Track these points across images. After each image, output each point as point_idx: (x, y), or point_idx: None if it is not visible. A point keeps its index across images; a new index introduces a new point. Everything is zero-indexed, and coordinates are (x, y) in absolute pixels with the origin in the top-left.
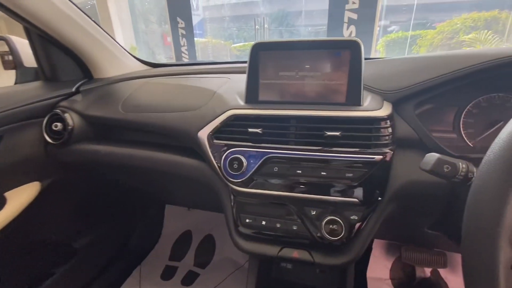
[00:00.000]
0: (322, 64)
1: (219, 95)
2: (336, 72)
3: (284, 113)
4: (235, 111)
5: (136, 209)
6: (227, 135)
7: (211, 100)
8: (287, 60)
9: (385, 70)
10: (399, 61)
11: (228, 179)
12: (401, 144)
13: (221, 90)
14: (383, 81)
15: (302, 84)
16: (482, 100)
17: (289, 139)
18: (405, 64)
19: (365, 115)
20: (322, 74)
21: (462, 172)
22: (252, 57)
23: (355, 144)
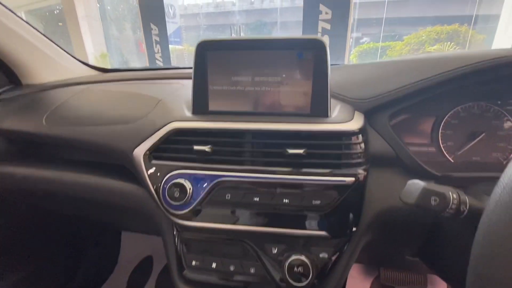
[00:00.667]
0: (281, 68)
1: (163, 104)
2: (299, 77)
3: (238, 126)
4: (178, 124)
5: (86, 236)
6: (168, 154)
7: (153, 110)
8: (240, 62)
9: (356, 76)
10: (371, 66)
11: (168, 210)
12: (375, 162)
13: (167, 98)
14: (353, 88)
15: (259, 92)
16: (461, 110)
17: (245, 158)
18: (377, 70)
19: (333, 128)
20: (282, 79)
21: (453, 205)
22: (198, 58)
23: (323, 163)
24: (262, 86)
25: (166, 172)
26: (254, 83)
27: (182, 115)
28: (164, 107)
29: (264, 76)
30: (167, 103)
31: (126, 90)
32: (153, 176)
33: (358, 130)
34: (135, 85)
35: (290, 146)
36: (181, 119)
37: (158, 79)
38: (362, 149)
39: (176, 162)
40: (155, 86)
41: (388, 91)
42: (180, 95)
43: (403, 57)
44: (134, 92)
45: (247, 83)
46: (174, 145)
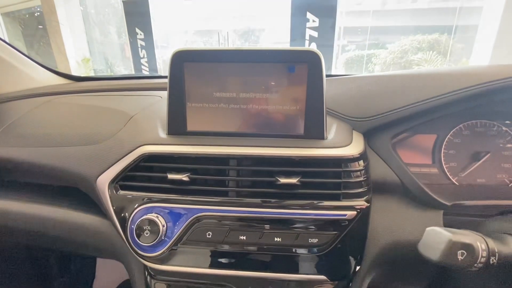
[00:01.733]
0: (271, 83)
1: (134, 122)
2: (290, 94)
3: (221, 151)
4: (150, 148)
5: (53, 264)
6: (138, 184)
7: (123, 129)
8: (223, 76)
9: (353, 90)
10: (369, 79)
11: (137, 252)
12: (377, 189)
13: (141, 114)
14: (350, 104)
15: (245, 110)
16: (463, 128)
17: (229, 189)
18: (377, 84)
19: (331, 154)
20: (272, 96)
21: (482, 258)
22: (174, 70)
23: (320, 195)
24: (248, 103)
25: (135, 205)
26: (240, 100)
27: (156, 136)
28: (135, 126)
29: (251, 92)
30: (139, 121)
31: (96, 104)
32: (119, 209)
33: (358, 155)
34: (108, 98)
35: (282, 175)
36: (154, 141)
37: (136, 90)
38: (363, 176)
39: (147, 193)
40: (130, 99)
41: (391, 110)
42: (156, 111)
43: (405, 71)
44: (104, 105)
45: (232, 99)
46: (145, 172)
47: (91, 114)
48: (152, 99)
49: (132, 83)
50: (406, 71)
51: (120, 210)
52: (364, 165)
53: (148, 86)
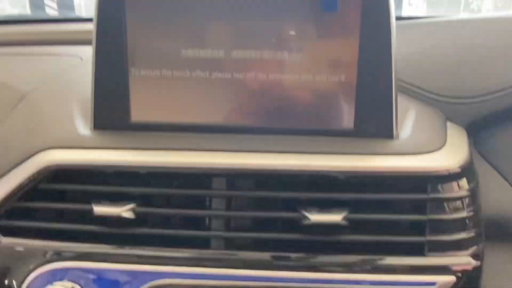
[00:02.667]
0: (290, 31)
1: (29, 105)
2: (328, 53)
3: (197, 161)
4: (59, 155)
5: None
6: (36, 223)
7: (9, 118)
8: (201, 18)
9: (446, 46)
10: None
11: None
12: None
13: (41, 90)
14: (443, 72)
15: (242, 83)
16: None
17: (211, 233)
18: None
19: (406, 166)
20: (292, 56)
21: None
22: (106, 7)
23: (384, 246)
24: (248, 70)
25: (30, 265)
26: (231, 63)
27: (70, 132)
28: (31, 113)
29: (252, 49)
30: (39, 103)
31: None
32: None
33: (459, 169)
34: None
35: (313, 207)
36: (67, 143)
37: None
38: (469, 210)
39: (55, 242)
40: (22, 61)
41: None
42: (70, 84)
43: None
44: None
45: (216, 63)
46: (51, 202)
47: None
48: (63, 62)
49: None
50: None
51: (2, 274)
52: (470, 188)
53: (58, 38)
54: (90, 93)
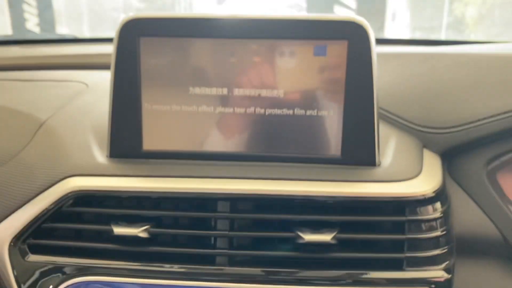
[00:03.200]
0: (286, 73)
1: (48, 133)
2: (319, 91)
3: (203, 187)
4: (80, 182)
5: None
6: (61, 242)
7: (29, 145)
8: (208, 60)
9: (424, 78)
10: (454, 58)
11: None
12: (464, 250)
13: (57, 118)
14: (420, 103)
15: (243, 117)
16: None
17: (216, 251)
18: (468, 67)
19: (387, 192)
20: (288, 93)
21: None
22: (123, 50)
23: (368, 261)
24: (248, 105)
25: (57, 280)
26: (234, 99)
27: (89, 160)
28: (51, 140)
29: (252, 87)
30: (57, 131)
31: None
32: (29, 285)
33: (434, 193)
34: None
35: (306, 228)
36: (87, 170)
37: (38, 68)
38: (442, 229)
39: (77, 259)
40: (28, 88)
41: (493, 114)
42: (81, 111)
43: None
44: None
45: (220, 99)
46: (74, 224)
47: None
48: (69, 89)
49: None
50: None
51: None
52: (443, 210)
53: (56, 62)
54: (104, 121)
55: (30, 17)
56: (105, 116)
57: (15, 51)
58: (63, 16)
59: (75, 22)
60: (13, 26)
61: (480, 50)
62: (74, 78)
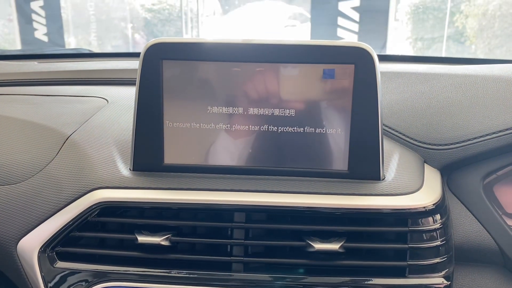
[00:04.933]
0: (297, 94)
1: (73, 147)
2: (327, 110)
3: (220, 198)
4: (106, 194)
5: None
6: (88, 250)
7: (56, 158)
8: (224, 82)
9: (424, 97)
10: (454, 79)
11: None
12: (462, 258)
13: (81, 132)
14: (422, 121)
15: (257, 134)
16: None
17: (232, 258)
18: (467, 87)
19: (391, 205)
20: (298, 112)
21: None
22: (147, 71)
23: (374, 268)
24: (262, 123)
25: (84, 283)
26: (248, 118)
27: (114, 174)
28: (76, 154)
29: (266, 107)
30: (81, 145)
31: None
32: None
33: (434, 206)
34: (9, 102)
35: (316, 237)
36: (113, 183)
37: (59, 84)
38: (442, 239)
39: (103, 266)
40: (53, 102)
41: (491, 132)
42: (104, 126)
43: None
44: (14, 116)
45: (236, 118)
46: (100, 233)
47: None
48: (91, 104)
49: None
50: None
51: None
52: (443, 222)
53: (76, 77)
54: (126, 136)
55: (38, 27)
56: (126, 131)
57: (33, 66)
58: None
59: (82, 32)
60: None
61: (476, 71)
62: (95, 93)
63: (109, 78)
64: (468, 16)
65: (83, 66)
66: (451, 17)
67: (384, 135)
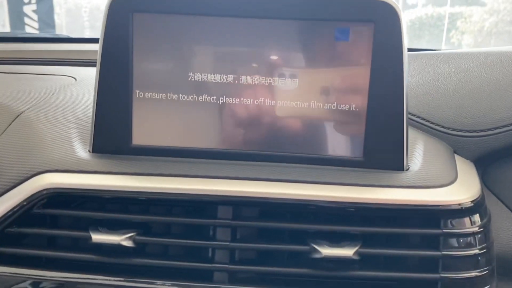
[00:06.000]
0: (301, 59)
1: (23, 125)
2: (339, 82)
3: (200, 188)
4: (56, 179)
5: None
6: (30, 251)
7: (0, 138)
8: (210, 42)
9: (453, 78)
10: (487, 57)
11: None
12: (506, 272)
13: (36, 110)
14: (451, 105)
15: (250, 109)
16: None
17: (214, 266)
18: (504, 66)
19: (418, 200)
20: (302, 84)
21: None
22: (113, 28)
23: (394, 281)
24: (256, 96)
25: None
26: (240, 89)
27: (68, 155)
28: (25, 133)
29: (260, 76)
30: (34, 123)
31: None
32: None
33: (471, 203)
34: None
35: (324, 240)
36: (64, 165)
37: (23, 62)
38: (482, 246)
39: (49, 272)
40: (12, 80)
41: None
42: (65, 104)
43: None
44: None
45: (224, 88)
46: (46, 229)
47: None
48: (56, 82)
49: (15, 48)
50: None
51: None
52: (483, 224)
53: (47, 57)
54: (90, 115)
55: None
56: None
57: (4, 46)
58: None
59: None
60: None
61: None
62: (63, 73)
63: (80, 59)
64: (464, 32)
65: (52, 47)
66: (447, 33)
67: (411, 124)
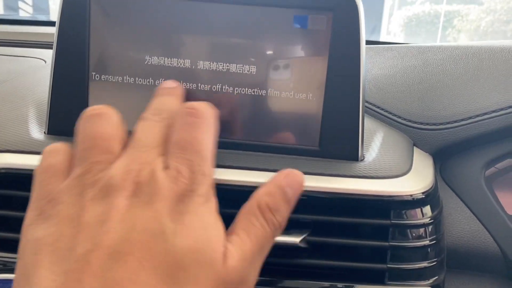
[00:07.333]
0: (260, 46)
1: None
2: (296, 70)
3: None
4: (11, 159)
5: None
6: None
7: None
8: (169, 25)
9: (416, 71)
10: (449, 51)
11: None
12: (456, 264)
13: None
14: (411, 97)
15: (208, 95)
16: None
17: None
18: (466, 60)
19: (370, 190)
20: (260, 71)
21: None
22: (70, 7)
23: (344, 271)
24: (214, 82)
25: None
26: (198, 74)
27: (22, 135)
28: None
29: (217, 61)
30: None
31: None
32: None
33: (423, 195)
34: None
35: None
36: (17, 146)
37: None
38: (431, 238)
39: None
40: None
41: (493, 110)
42: (29, 86)
43: None
44: None
45: (182, 72)
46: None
47: None
48: (22, 64)
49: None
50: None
51: None
52: (434, 216)
53: (23, 40)
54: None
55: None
56: None
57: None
58: None
59: None
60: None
61: (481, 43)
62: (33, 55)
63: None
64: (460, 31)
65: (23, 29)
66: (443, 31)
67: (367, 113)
